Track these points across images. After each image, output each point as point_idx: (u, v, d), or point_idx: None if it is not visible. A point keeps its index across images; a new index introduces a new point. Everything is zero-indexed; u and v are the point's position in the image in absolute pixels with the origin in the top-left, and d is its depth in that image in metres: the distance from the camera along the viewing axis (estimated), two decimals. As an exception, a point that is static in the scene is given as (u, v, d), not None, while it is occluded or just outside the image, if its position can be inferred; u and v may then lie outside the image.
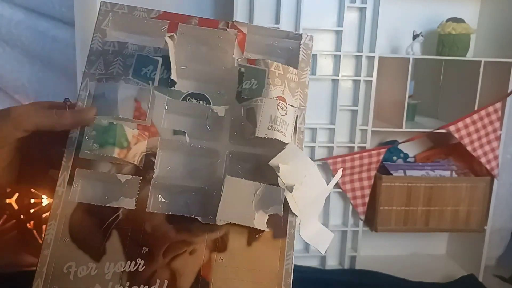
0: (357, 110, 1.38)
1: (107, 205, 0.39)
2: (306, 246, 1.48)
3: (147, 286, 0.37)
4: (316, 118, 1.40)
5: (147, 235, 0.38)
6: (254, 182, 0.40)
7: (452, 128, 1.36)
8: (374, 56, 1.34)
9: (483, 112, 1.36)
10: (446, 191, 1.41)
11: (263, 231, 0.39)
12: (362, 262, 1.50)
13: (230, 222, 0.39)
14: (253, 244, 0.39)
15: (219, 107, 0.42)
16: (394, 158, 1.50)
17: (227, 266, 0.38)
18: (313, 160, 1.39)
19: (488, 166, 1.40)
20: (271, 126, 0.40)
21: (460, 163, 1.49)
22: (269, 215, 0.40)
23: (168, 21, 0.44)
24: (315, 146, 1.39)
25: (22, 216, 0.63)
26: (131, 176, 0.39)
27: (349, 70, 1.39)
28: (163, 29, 0.44)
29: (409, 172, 1.43)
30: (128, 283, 0.37)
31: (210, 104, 0.42)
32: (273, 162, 0.39)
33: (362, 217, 1.44)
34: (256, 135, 0.40)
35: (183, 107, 0.42)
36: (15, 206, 0.62)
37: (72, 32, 1.32)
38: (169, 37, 0.41)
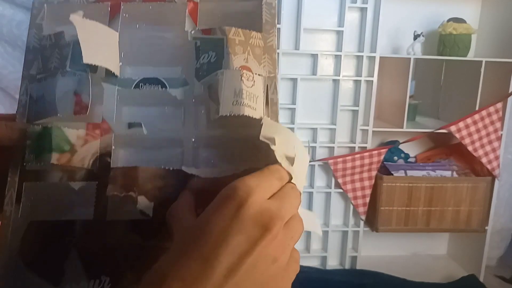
0: (358, 110, 1.38)
1: (61, 219, 0.34)
2: (307, 246, 1.48)
3: None
4: (317, 118, 1.40)
5: (110, 248, 0.34)
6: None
7: (453, 128, 1.36)
8: (375, 56, 1.34)
9: (484, 112, 1.36)
10: (447, 191, 1.41)
11: None
12: (363, 262, 1.50)
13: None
14: None
15: (176, 89, 0.37)
16: (395, 158, 1.50)
17: None
18: (314, 160, 1.39)
19: (489, 166, 1.40)
20: (236, 101, 0.34)
21: (461, 163, 1.49)
22: None
23: (109, 3, 0.38)
24: (315, 146, 1.38)
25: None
26: (85, 182, 0.34)
27: (350, 70, 1.39)
28: (104, 12, 0.38)
29: (410, 172, 1.43)
30: None
31: (167, 88, 0.37)
32: (265, 134, 0.33)
33: (363, 217, 1.44)
34: (220, 114, 0.34)
35: (136, 95, 0.37)
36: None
37: (73, 32, 1.32)
38: (75, 15, 0.35)
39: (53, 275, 0.33)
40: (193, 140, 0.36)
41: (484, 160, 1.39)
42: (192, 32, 0.38)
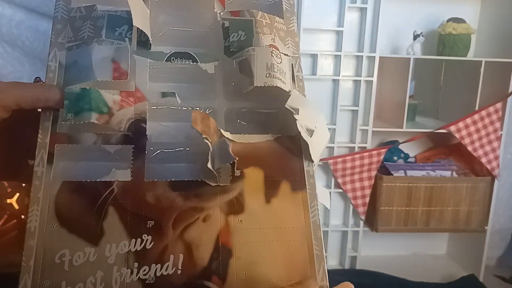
0: (357, 110, 1.38)
1: (98, 180, 0.34)
2: (307, 246, 1.48)
3: (159, 265, 0.32)
4: (316, 118, 1.40)
5: (151, 207, 0.34)
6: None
7: (452, 128, 1.36)
8: (374, 56, 1.34)
9: (483, 112, 1.36)
10: (447, 191, 1.41)
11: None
12: (363, 262, 1.50)
13: (243, 181, 0.35)
14: (272, 201, 0.35)
15: (207, 64, 0.39)
16: (395, 158, 1.50)
17: (248, 229, 0.34)
18: (314, 160, 1.39)
19: (488, 166, 1.40)
20: (269, 73, 0.37)
21: (460, 163, 1.49)
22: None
23: None
24: (315, 146, 1.38)
25: (22, 216, 0.62)
26: (121, 146, 0.35)
27: (350, 70, 1.39)
28: None
29: (410, 172, 1.43)
30: (136, 264, 0.32)
31: (197, 62, 0.38)
32: (290, 103, 0.36)
33: (363, 217, 1.44)
34: (255, 85, 0.36)
35: (168, 68, 0.38)
36: (16, 206, 0.62)
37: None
38: None
39: (92, 235, 0.32)
40: (225, 109, 0.38)
41: (483, 160, 1.39)
42: (221, 13, 0.40)
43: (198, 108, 0.37)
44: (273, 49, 0.38)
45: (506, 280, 1.54)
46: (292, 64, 0.41)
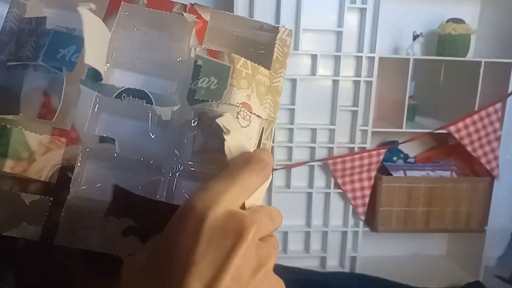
0: (357, 110, 1.38)
1: (2, 234, 0.28)
2: (306, 247, 1.48)
3: None
4: (316, 119, 1.40)
5: (53, 278, 0.29)
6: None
7: (452, 128, 1.36)
8: (374, 57, 1.34)
9: (483, 113, 1.36)
10: (446, 191, 1.41)
11: None
12: (362, 262, 1.50)
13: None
14: None
15: (164, 108, 0.32)
16: (394, 158, 1.50)
17: None
18: (313, 161, 1.39)
19: (488, 167, 1.40)
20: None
21: (460, 164, 1.49)
22: None
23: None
24: (315, 147, 1.38)
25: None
26: (38, 196, 0.29)
27: (349, 71, 1.39)
28: (101, 5, 0.33)
29: (409, 173, 1.43)
30: None
31: (152, 104, 0.32)
32: (221, 121, 0.30)
33: (363, 217, 1.44)
34: (205, 149, 0.31)
35: (117, 106, 0.32)
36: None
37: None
38: (84, 8, 0.30)
39: None
40: (172, 168, 0.32)
41: (483, 160, 1.39)
42: (197, 49, 0.34)
43: (142, 160, 0.32)
44: (243, 108, 0.32)
45: (506, 280, 1.54)
46: (263, 128, 0.34)
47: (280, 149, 1.38)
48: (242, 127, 0.32)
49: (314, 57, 1.34)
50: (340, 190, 1.43)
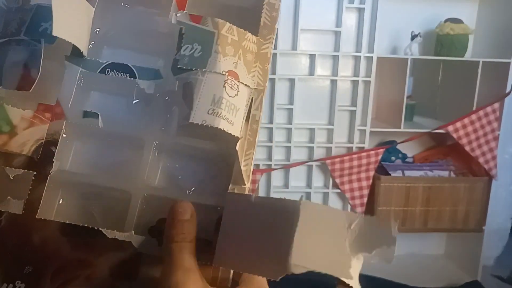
0: (355, 110, 1.38)
1: None
2: (305, 247, 1.48)
3: None
4: (314, 119, 1.40)
5: (34, 250, 0.29)
6: (347, 211, 0.27)
7: (450, 128, 1.37)
8: (372, 57, 1.34)
9: (481, 112, 1.36)
10: (445, 191, 1.41)
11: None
12: (361, 262, 1.49)
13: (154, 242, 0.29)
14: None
15: (147, 81, 0.31)
16: (393, 158, 1.50)
17: None
18: (312, 161, 1.39)
19: (486, 166, 1.40)
20: (213, 110, 0.29)
21: (458, 163, 1.50)
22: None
23: None
24: (313, 147, 1.38)
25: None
26: (22, 170, 0.29)
27: (348, 71, 1.39)
28: None
29: (408, 173, 1.43)
30: None
31: (136, 78, 0.32)
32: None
33: (361, 217, 1.44)
34: (191, 121, 0.28)
35: (101, 81, 0.32)
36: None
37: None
38: None
39: None
40: (156, 143, 0.31)
41: (481, 160, 1.40)
42: (178, 15, 0.32)
43: (125, 135, 0.31)
44: (230, 77, 0.30)
45: (504, 280, 1.54)
46: (252, 98, 0.32)
47: (278, 149, 1.38)
48: (230, 96, 0.30)
49: (312, 57, 1.34)
50: (339, 190, 1.43)
